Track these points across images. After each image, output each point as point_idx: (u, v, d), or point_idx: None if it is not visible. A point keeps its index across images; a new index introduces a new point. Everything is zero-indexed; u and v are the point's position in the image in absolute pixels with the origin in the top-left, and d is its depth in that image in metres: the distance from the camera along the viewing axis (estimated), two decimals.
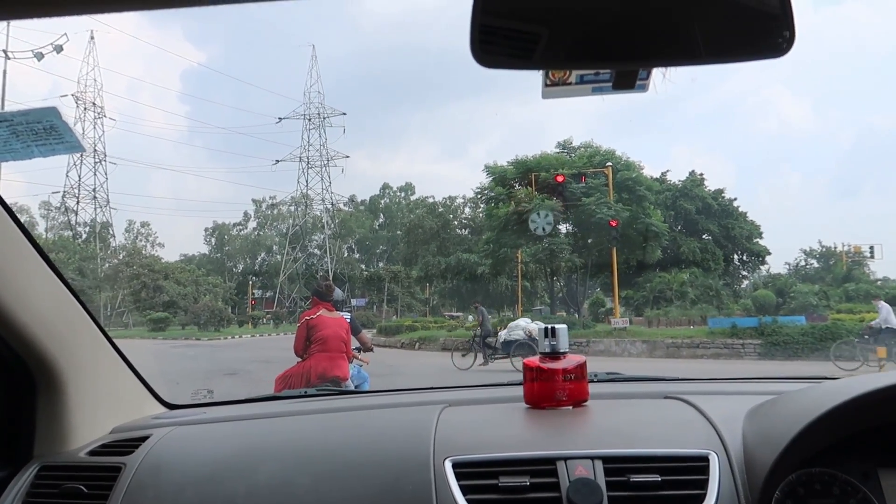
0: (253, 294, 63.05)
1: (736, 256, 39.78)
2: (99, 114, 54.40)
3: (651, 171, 41.37)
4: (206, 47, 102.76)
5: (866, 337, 13.42)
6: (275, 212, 68.92)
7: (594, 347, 18.26)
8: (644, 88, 0.77)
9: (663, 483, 0.99)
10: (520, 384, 1.38)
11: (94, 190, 54.26)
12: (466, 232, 52.42)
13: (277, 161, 62.58)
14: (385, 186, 79.18)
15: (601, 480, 0.99)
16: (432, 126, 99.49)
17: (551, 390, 1.30)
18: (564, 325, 1.36)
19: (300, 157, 62.66)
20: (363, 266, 69.93)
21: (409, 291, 54.94)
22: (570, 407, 1.31)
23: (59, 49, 45.30)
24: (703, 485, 0.99)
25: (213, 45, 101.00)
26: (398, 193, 78.03)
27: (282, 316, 52.56)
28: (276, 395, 1.83)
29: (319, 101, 62.13)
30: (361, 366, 5.63)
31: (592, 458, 1.02)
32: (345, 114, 64.16)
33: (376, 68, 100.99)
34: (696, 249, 34.89)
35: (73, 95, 53.29)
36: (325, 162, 63.06)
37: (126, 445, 1.33)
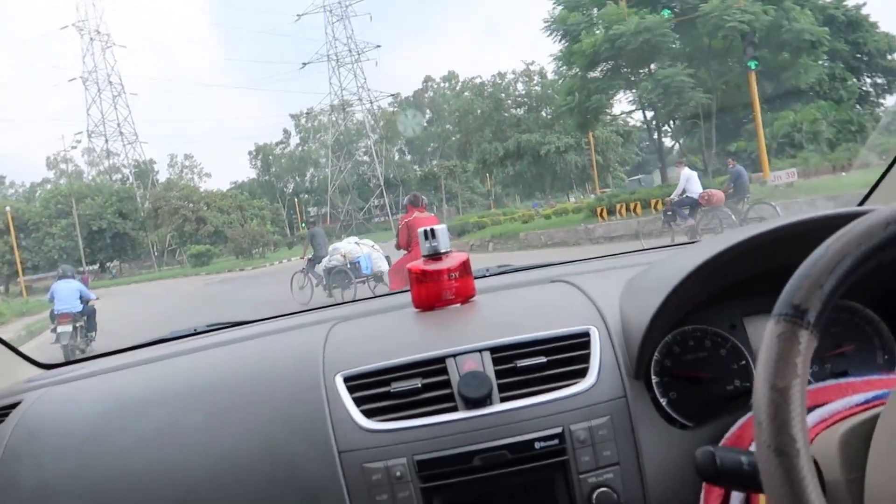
0: (308, 212, 60.49)
1: (868, 80, 32.03)
2: (106, 42, 50.59)
3: None
4: None
5: (669, 213, 12.45)
6: (315, 123, 64.59)
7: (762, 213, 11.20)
8: None
9: (549, 363, 1.03)
10: (408, 291, 1.37)
11: (118, 125, 51.33)
12: (522, 111, 46.79)
13: (305, 64, 57.40)
14: (427, 79, 73.20)
15: (490, 371, 1.02)
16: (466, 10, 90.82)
17: (437, 291, 1.31)
18: (444, 226, 1.37)
19: (327, 55, 57.28)
20: (416, 167, 65.48)
21: (468, 186, 50.46)
22: (459, 304, 1.32)
23: None
24: (587, 359, 1.04)
25: None
26: (442, 84, 72.17)
27: (335, 230, 49.24)
28: (160, 339, 1.65)
29: None
30: None
31: (480, 350, 1.05)
32: None
33: None
34: (822, 76, 26.25)
35: (73, 25, 49.45)
36: (356, 56, 57.50)
37: None
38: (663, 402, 1.02)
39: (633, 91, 23.62)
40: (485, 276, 1.63)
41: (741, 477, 0.65)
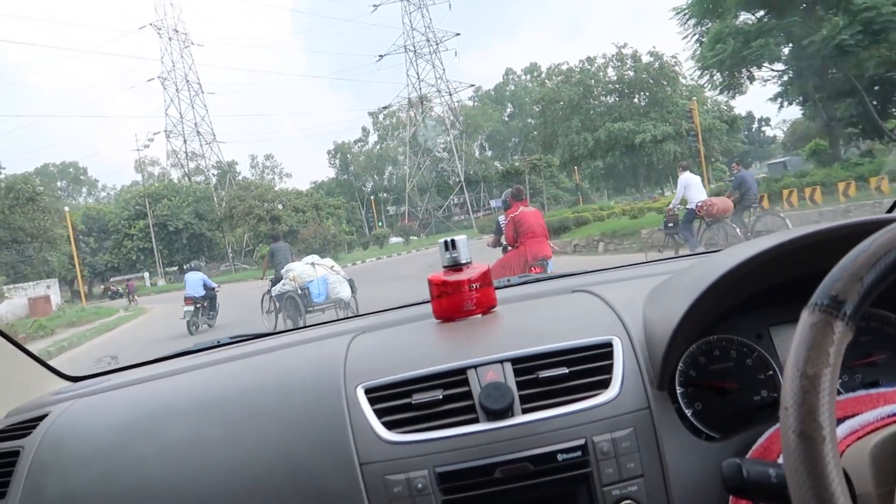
0: (387, 211, 58.95)
1: None
2: (184, 41, 50.42)
3: None
4: None
5: (670, 225, 11.08)
6: (393, 120, 62.80)
7: None
8: None
9: (571, 374, 1.01)
10: (429, 302, 1.36)
11: (195, 125, 51.10)
12: (613, 98, 43.10)
13: (381, 56, 55.44)
14: (508, 72, 70.52)
15: (511, 382, 1.01)
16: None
17: (459, 302, 1.31)
18: (464, 236, 1.36)
19: (405, 46, 55.16)
20: (497, 163, 62.62)
21: (553, 181, 47.12)
22: (480, 315, 1.32)
23: None
24: (609, 370, 1.02)
25: None
26: (523, 77, 69.04)
27: (413, 230, 47.00)
28: (184, 351, 1.70)
29: None
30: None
31: (502, 361, 1.04)
32: None
33: None
34: None
35: (152, 25, 49.44)
36: (434, 46, 55.07)
37: (22, 427, 1.25)
38: (688, 412, 0.99)
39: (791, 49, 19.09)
40: (506, 287, 1.62)
41: (769, 490, 0.64)
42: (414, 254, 30.82)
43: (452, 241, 1.33)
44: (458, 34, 56.94)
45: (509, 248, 6.64)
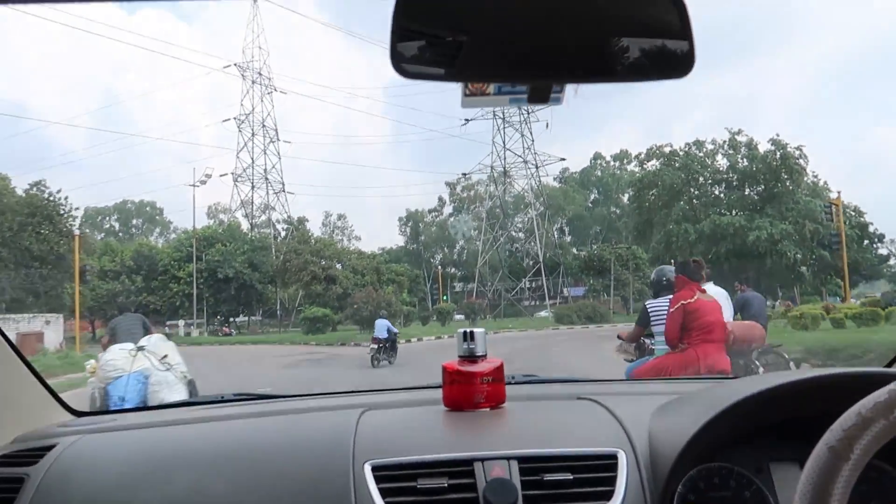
0: (453, 286, 55.16)
1: None
2: (267, 86, 49.23)
3: None
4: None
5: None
6: (471, 193, 59.69)
7: None
8: (559, 101, 0.79)
9: (575, 481, 1.04)
10: (439, 387, 1.39)
11: (265, 171, 49.17)
12: (721, 189, 38.30)
13: (467, 120, 52.53)
14: (597, 156, 66.87)
15: (516, 480, 1.03)
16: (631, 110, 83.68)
17: (470, 393, 1.32)
18: (482, 329, 1.37)
19: (493, 111, 52.30)
20: (575, 249, 58.15)
21: (638, 274, 42.19)
22: (488, 409, 1.33)
23: None
24: (612, 482, 1.04)
25: None
26: (612, 163, 65.23)
27: (481, 308, 42.43)
28: (189, 402, 1.74)
29: None
30: None
31: (508, 458, 1.06)
32: None
33: None
34: None
35: (236, 65, 48.53)
36: (525, 114, 51.87)
37: (30, 455, 1.27)
38: None
39: None
40: (509, 384, 1.51)
41: None
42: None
43: (471, 332, 1.35)
44: (563, 159, 53.67)
45: (670, 348, 4.71)
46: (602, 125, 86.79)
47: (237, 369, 15.80)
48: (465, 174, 58.72)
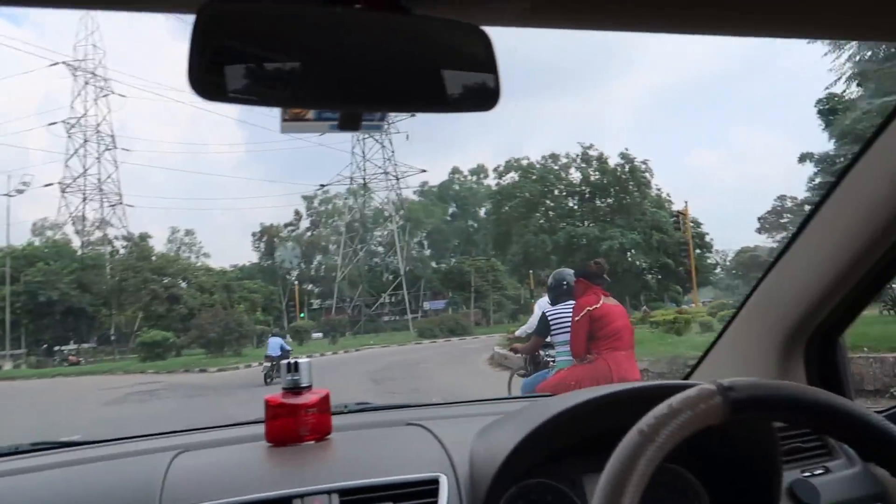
0: (310, 303, 52.86)
1: None
2: (102, 87, 44.70)
3: None
4: None
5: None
6: (329, 206, 57.79)
7: None
8: (379, 129, 0.79)
9: None
10: (261, 422, 1.33)
11: (99, 181, 44.41)
12: (574, 201, 39.58)
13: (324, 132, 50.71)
14: (454, 171, 67.33)
15: None
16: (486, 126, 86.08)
17: (293, 426, 1.29)
18: (307, 359, 1.35)
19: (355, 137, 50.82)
20: (434, 263, 58.07)
21: (497, 286, 42.66)
22: (313, 442, 1.30)
23: None
24: None
25: None
26: (469, 177, 66.09)
27: (340, 325, 40.74)
28: None
29: None
30: None
31: (329, 492, 1.04)
32: None
33: None
34: None
35: (66, 64, 43.70)
36: (387, 126, 50.94)
37: None
38: None
39: None
40: (342, 413, 1.57)
41: None
42: (343, 356, 24.77)
43: (296, 363, 1.32)
44: (424, 170, 53.43)
45: (575, 360, 4.28)
46: (459, 140, 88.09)
47: (49, 408, 13.46)
48: (323, 186, 56.70)
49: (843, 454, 1.32)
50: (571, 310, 4.43)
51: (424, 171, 59.85)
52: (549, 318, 4.84)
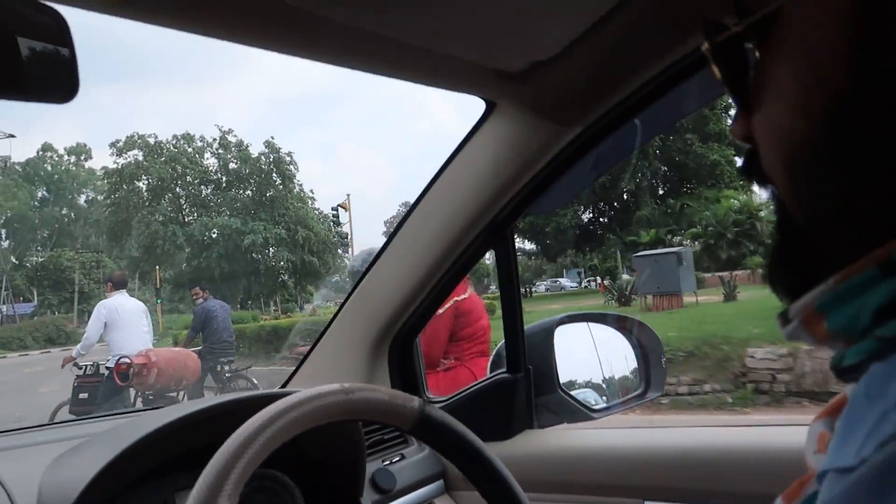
0: None
1: None
2: None
3: None
4: None
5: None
6: None
7: None
8: None
9: None
10: None
11: None
12: (210, 190, 35.61)
13: None
14: (47, 147, 55.69)
15: None
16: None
17: None
18: None
19: None
20: (14, 258, 47.29)
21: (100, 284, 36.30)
22: None
23: None
24: None
25: None
26: (68, 158, 55.39)
27: None
28: None
29: None
30: None
31: None
32: None
33: None
34: None
35: None
36: None
37: None
38: None
39: None
40: None
41: None
42: None
43: None
44: (13, 135, 42.17)
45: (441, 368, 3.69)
46: (52, 109, 73.57)
47: None
48: None
49: (414, 441, 1.42)
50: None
51: (13, 135, 47.42)
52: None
